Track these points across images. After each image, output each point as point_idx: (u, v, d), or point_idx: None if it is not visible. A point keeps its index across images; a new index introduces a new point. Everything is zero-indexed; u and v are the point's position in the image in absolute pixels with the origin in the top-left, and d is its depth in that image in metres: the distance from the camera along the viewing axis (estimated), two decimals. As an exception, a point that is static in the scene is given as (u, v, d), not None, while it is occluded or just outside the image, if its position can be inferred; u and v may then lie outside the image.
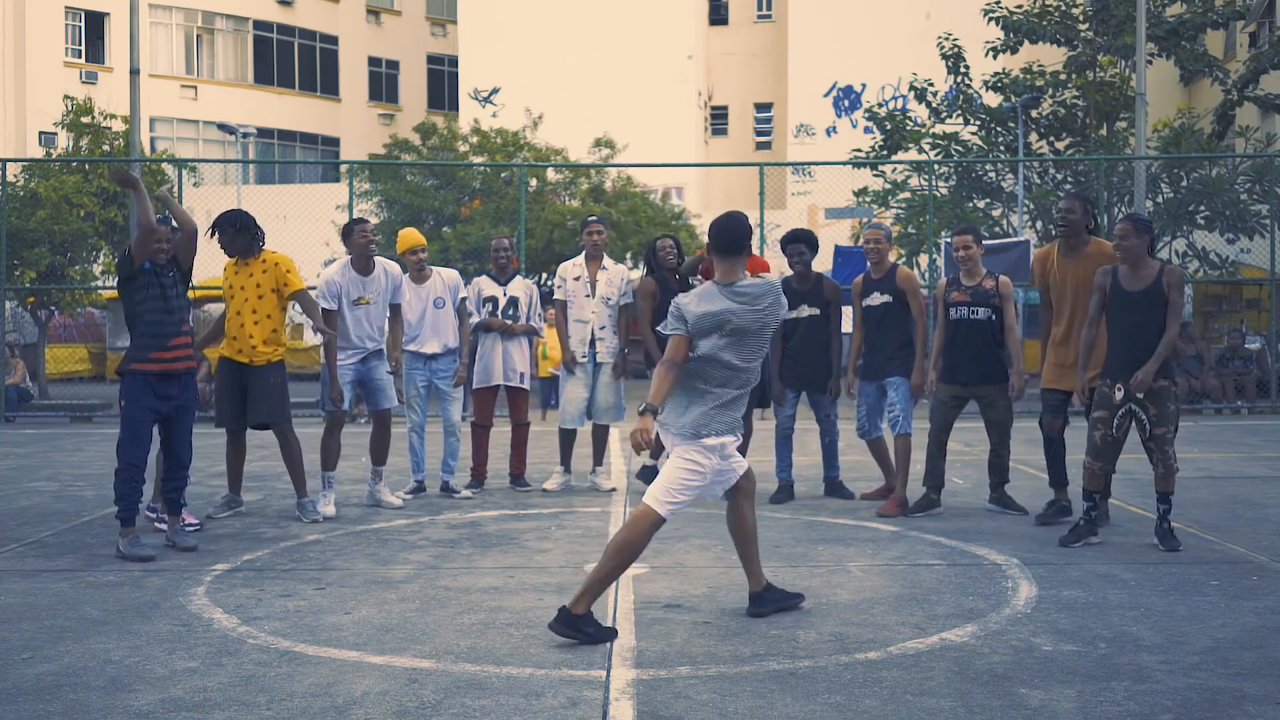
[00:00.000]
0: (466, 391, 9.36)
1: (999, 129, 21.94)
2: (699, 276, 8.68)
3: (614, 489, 8.90)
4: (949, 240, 8.08)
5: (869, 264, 8.15)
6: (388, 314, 8.28)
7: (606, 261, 8.91)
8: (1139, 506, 7.86)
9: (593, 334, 8.77)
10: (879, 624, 4.97)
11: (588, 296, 8.76)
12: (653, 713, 3.88)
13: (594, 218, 9.18)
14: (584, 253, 8.90)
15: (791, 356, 8.40)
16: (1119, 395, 6.53)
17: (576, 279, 8.80)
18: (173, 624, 5.02)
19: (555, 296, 8.91)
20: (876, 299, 8.06)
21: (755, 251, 9.60)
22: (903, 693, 4.06)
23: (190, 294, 6.98)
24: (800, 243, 8.33)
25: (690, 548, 6.64)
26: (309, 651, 4.59)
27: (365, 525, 7.49)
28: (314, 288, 8.25)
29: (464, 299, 8.68)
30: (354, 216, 17.04)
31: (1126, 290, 6.55)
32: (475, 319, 8.87)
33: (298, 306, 7.68)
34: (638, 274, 9.10)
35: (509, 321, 8.88)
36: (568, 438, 9.00)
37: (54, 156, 20.24)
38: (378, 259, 8.17)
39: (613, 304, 8.78)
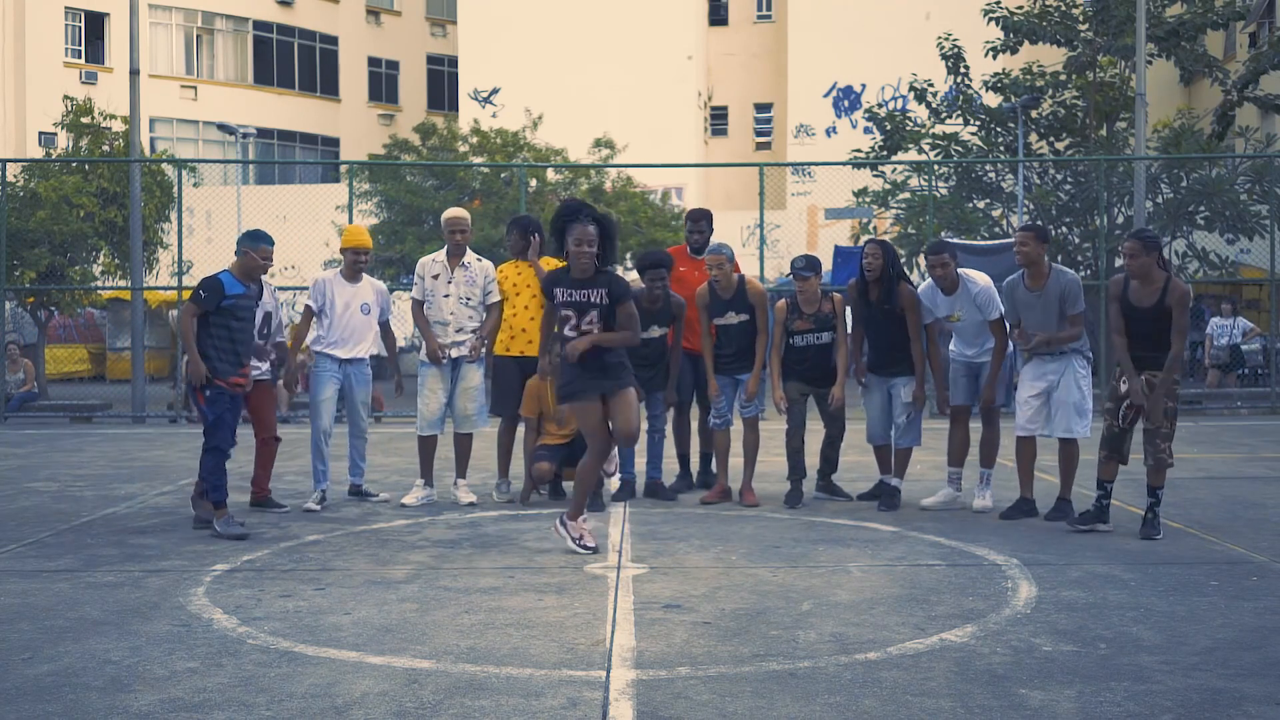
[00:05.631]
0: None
1: (999, 129, 21.94)
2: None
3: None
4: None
5: (717, 287, 8.09)
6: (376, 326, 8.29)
7: (469, 258, 8.31)
8: (1140, 507, 7.86)
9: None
10: (879, 624, 4.97)
11: (445, 297, 8.21)
12: (653, 713, 3.88)
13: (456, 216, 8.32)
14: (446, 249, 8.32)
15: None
16: (1124, 388, 6.95)
17: (435, 276, 8.24)
18: (173, 624, 5.02)
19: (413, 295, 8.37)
20: (732, 318, 8.12)
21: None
22: (902, 693, 4.06)
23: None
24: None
25: (690, 548, 6.64)
26: (309, 652, 4.59)
27: (365, 525, 7.48)
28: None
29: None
30: (352, 217, 17.19)
31: (1134, 304, 6.95)
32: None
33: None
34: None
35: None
36: (427, 445, 8.31)
37: (54, 156, 20.23)
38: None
39: (474, 303, 8.24)
